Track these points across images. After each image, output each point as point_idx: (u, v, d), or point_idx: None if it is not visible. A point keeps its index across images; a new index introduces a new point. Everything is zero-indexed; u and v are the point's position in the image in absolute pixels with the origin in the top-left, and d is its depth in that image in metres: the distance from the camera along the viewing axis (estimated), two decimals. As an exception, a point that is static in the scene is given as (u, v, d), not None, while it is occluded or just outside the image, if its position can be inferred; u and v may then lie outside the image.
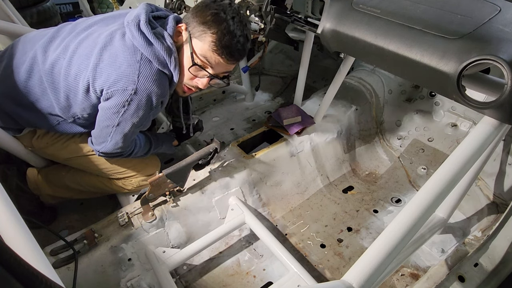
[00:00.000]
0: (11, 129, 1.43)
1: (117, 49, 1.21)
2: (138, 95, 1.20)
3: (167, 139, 1.67)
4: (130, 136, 1.35)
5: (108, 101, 1.23)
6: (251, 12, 1.73)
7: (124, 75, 1.19)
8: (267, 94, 2.80)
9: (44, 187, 1.61)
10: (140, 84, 1.19)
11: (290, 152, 1.90)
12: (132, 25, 1.21)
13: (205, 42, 1.22)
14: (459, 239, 1.59)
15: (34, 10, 2.99)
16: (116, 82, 1.19)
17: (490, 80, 1.05)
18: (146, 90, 1.20)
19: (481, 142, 1.04)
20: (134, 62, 1.19)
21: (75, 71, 1.25)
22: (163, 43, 1.22)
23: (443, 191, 0.96)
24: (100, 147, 1.36)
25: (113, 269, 1.42)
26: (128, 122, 1.26)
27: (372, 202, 1.94)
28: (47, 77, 1.28)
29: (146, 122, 1.33)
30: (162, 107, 1.35)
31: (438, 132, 2.13)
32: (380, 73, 2.33)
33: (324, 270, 1.60)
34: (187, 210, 1.60)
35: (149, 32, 1.20)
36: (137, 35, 1.19)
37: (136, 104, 1.22)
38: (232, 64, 1.31)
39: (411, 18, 1.18)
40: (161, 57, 1.23)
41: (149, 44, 1.20)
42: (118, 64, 1.19)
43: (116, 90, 1.19)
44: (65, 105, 1.30)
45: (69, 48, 1.28)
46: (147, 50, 1.20)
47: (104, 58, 1.22)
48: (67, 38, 1.31)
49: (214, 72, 1.30)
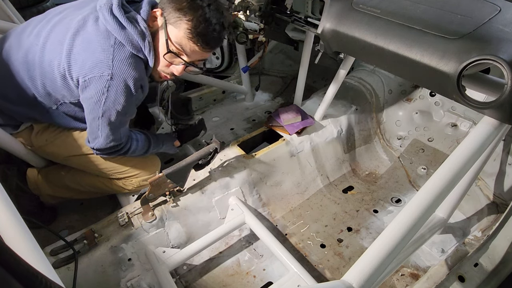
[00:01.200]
0: (9, 125, 1.43)
1: (90, 34, 1.20)
2: (115, 80, 1.18)
3: (168, 139, 1.66)
4: (119, 126, 1.33)
5: (86, 90, 1.22)
6: (251, 12, 1.73)
7: (99, 60, 1.17)
8: (267, 94, 2.79)
9: (44, 187, 1.61)
10: (115, 69, 1.17)
11: (290, 152, 1.90)
12: (105, 9, 1.19)
13: (180, 29, 1.20)
14: (459, 239, 1.59)
15: (34, 10, 2.99)
16: (92, 68, 1.17)
17: (490, 80, 1.05)
18: (122, 74, 1.18)
19: (481, 142, 1.04)
20: (108, 47, 1.18)
21: (49, 58, 1.23)
22: (136, 27, 1.20)
23: (443, 191, 0.96)
24: (94, 143, 1.35)
25: (113, 269, 1.42)
26: (111, 110, 1.24)
27: (372, 202, 1.94)
28: (22, 66, 1.27)
29: (131, 109, 1.30)
30: (144, 92, 1.32)
31: (438, 132, 2.13)
32: (380, 73, 2.33)
33: (324, 270, 1.60)
34: (187, 210, 1.60)
35: (121, 16, 1.18)
36: (110, 19, 1.18)
37: (115, 90, 1.20)
38: (208, 52, 1.28)
39: (411, 18, 1.18)
40: (135, 41, 1.21)
41: (122, 28, 1.18)
42: (92, 50, 1.18)
43: (93, 77, 1.18)
44: (44, 92, 1.29)
45: (41, 35, 1.27)
46: (120, 34, 1.18)
47: (77, 44, 1.20)
48: (38, 25, 1.30)
49: (190, 60, 1.27)
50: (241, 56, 2.44)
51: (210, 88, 2.62)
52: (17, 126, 1.45)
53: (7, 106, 1.35)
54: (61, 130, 1.48)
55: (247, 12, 1.74)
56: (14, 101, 1.34)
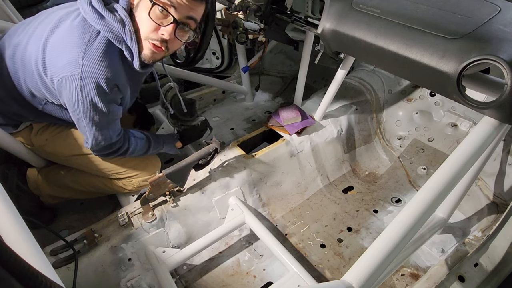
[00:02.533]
0: (9, 125, 1.43)
1: (66, 30, 1.17)
2: (85, 80, 1.14)
3: (169, 140, 1.65)
4: (106, 126, 1.29)
5: (62, 91, 1.19)
6: (251, 12, 1.73)
7: (69, 58, 1.13)
8: (267, 94, 2.79)
9: (44, 187, 1.61)
10: (85, 68, 1.13)
11: (290, 152, 1.90)
12: (84, 2, 1.17)
13: None
14: (459, 239, 1.59)
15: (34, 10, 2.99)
16: (63, 67, 1.14)
17: (490, 80, 1.05)
18: (92, 73, 1.14)
19: (481, 142, 1.04)
20: (81, 44, 1.14)
21: (29, 55, 1.21)
22: (115, 16, 1.16)
23: (443, 191, 0.96)
24: (87, 144, 1.35)
25: (113, 269, 1.42)
26: (91, 110, 1.21)
27: (372, 202, 1.94)
28: (10, 62, 1.26)
29: (112, 108, 1.26)
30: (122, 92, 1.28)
31: (438, 132, 2.13)
32: (380, 73, 2.33)
33: (324, 270, 1.60)
34: (187, 210, 1.60)
35: (101, 7, 1.16)
36: (89, 10, 1.15)
37: (88, 90, 1.16)
38: (196, 2, 1.17)
39: (411, 18, 1.18)
40: (115, 31, 1.17)
41: (101, 17, 1.16)
42: (65, 47, 1.15)
43: (64, 77, 1.15)
44: (27, 91, 1.28)
45: (28, 32, 1.25)
46: (99, 23, 1.15)
47: (52, 40, 1.18)
48: (31, 23, 1.29)
49: (178, 15, 1.16)
50: (241, 56, 2.44)
51: (210, 88, 2.62)
52: (17, 125, 1.45)
53: (1, 105, 1.35)
54: (61, 130, 1.48)
55: (247, 12, 1.74)
56: (6, 100, 1.33)
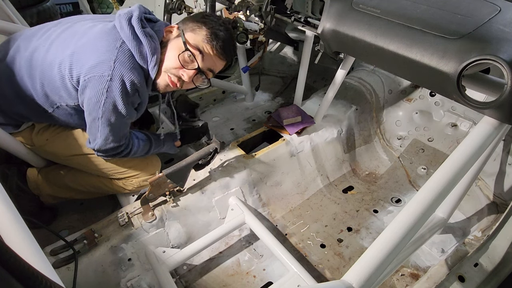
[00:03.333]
0: (10, 125, 1.43)
1: (97, 35, 1.24)
2: (114, 81, 1.20)
3: (168, 139, 1.66)
4: (119, 129, 1.33)
5: (86, 91, 1.23)
6: (251, 12, 1.73)
7: (101, 60, 1.19)
8: (267, 94, 2.79)
9: (44, 187, 1.61)
10: (116, 70, 1.19)
11: (290, 152, 1.90)
12: (123, 18, 1.23)
13: (199, 34, 1.28)
14: (459, 239, 1.59)
15: (34, 10, 3.00)
16: (93, 68, 1.19)
17: (490, 80, 1.05)
18: (122, 76, 1.20)
19: (481, 142, 1.04)
20: (113, 48, 1.21)
21: (51, 58, 1.26)
22: (150, 42, 1.25)
23: (443, 191, 0.96)
24: (93, 144, 1.36)
25: (113, 269, 1.42)
26: (111, 112, 1.25)
27: (372, 202, 1.94)
28: (26, 64, 1.29)
29: (130, 111, 1.31)
30: (141, 98, 1.34)
31: (438, 132, 2.13)
32: (380, 73, 2.33)
33: (324, 270, 1.60)
34: (187, 210, 1.60)
35: (138, 27, 1.23)
36: (126, 26, 1.22)
37: (114, 91, 1.21)
38: (220, 60, 1.34)
39: (411, 18, 1.18)
40: (144, 53, 1.25)
41: (135, 38, 1.22)
42: (96, 49, 1.21)
43: (93, 77, 1.19)
44: (41, 93, 1.30)
45: (50, 37, 1.30)
46: (131, 43, 1.22)
47: (81, 45, 1.23)
48: (51, 29, 1.34)
49: (203, 65, 1.31)
50: (241, 56, 2.44)
51: (210, 88, 2.62)
52: (18, 125, 1.45)
53: (5, 105, 1.36)
54: (62, 130, 1.49)
55: (247, 12, 1.74)
56: (12, 100, 1.35)
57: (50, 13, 3.15)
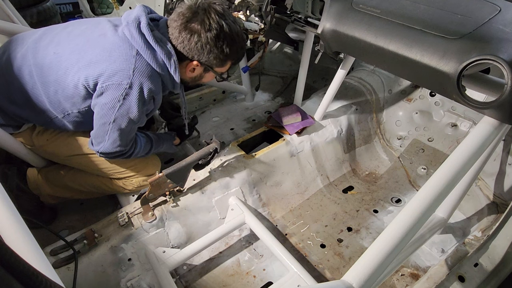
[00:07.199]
0: (11, 125, 1.43)
1: (112, 43, 1.24)
2: (133, 89, 1.23)
3: (167, 138, 1.67)
4: (128, 133, 1.35)
5: (102, 96, 1.25)
6: (251, 12, 1.73)
7: (120, 69, 1.21)
8: (267, 94, 2.79)
9: (44, 187, 1.61)
10: (135, 79, 1.22)
11: (290, 152, 1.90)
12: (132, 26, 1.23)
13: (226, 65, 1.39)
14: (459, 239, 1.59)
15: (34, 10, 2.99)
16: (111, 76, 1.21)
17: (490, 80, 1.05)
18: (140, 84, 1.24)
19: (481, 142, 1.04)
20: (130, 57, 1.23)
21: (66, 65, 1.26)
22: (162, 48, 1.25)
23: (443, 191, 0.96)
24: (99, 147, 1.36)
25: (113, 269, 1.42)
26: (124, 117, 1.28)
27: (372, 202, 1.94)
28: (37, 71, 1.29)
29: (142, 118, 1.35)
30: (155, 105, 1.38)
31: (438, 132, 2.13)
32: (380, 73, 2.33)
33: (324, 270, 1.60)
34: (187, 210, 1.60)
35: (149, 35, 1.23)
36: (137, 35, 1.22)
37: (131, 99, 1.24)
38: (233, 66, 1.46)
39: (411, 18, 1.18)
40: (160, 61, 1.27)
41: (148, 46, 1.24)
42: (114, 59, 1.22)
43: (111, 84, 1.22)
44: (55, 99, 1.31)
45: (60, 43, 1.30)
46: (146, 52, 1.23)
47: (97, 53, 1.24)
48: (59, 34, 1.33)
49: (220, 72, 1.42)
50: (241, 56, 2.44)
51: (210, 88, 2.63)
52: (19, 126, 1.45)
53: (12, 109, 1.36)
54: (62, 130, 1.48)
55: (247, 12, 1.74)
56: (21, 105, 1.35)
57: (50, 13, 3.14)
